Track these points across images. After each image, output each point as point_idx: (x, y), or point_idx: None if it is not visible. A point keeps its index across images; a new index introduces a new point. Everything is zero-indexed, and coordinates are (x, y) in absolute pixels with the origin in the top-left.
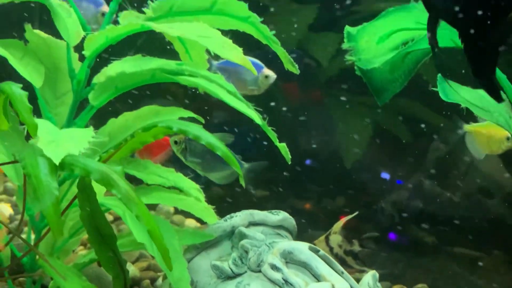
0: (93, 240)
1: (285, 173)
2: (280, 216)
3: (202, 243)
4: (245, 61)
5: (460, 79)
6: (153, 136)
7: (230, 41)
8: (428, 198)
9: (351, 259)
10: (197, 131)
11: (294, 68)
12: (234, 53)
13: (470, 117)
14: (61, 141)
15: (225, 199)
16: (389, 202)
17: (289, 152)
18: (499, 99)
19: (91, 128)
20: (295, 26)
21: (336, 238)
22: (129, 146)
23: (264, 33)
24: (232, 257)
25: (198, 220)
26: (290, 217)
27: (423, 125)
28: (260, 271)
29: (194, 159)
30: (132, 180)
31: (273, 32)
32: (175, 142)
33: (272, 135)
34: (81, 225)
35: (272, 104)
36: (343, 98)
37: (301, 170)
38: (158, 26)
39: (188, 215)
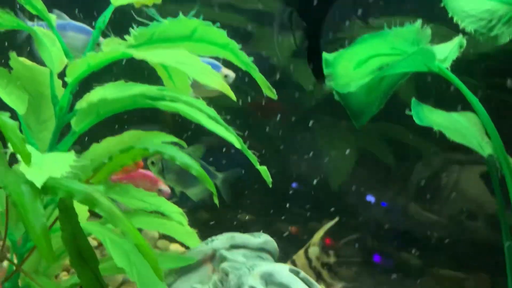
0: (75, 262)
1: (271, 197)
2: (262, 238)
3: (183, 267)
4: (226, 87)
5: (435, 103)
6: (131, 158)
7: (209, 67)
8: (412, 221)
9: (326, 272)
10: (173, 152)
11: (272, 94)
12: (213, 79)
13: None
14: (43, 164)
15: (209, 223)
16: (374, 224)
17: (270, 176)
18: (321, 80)
19: (73, 152)
20: (279, 52)
21: (314, 251)
22: (108, 169)
23: (242, 60)
24: (212, 280)
25: (183, 245)
26: (272, 239)
27: (407, 149)
28: None
29: (172, 176)
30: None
31: (251, 58)
32: (152, 163)
33: (253, 158)
34: (63, 250)
35: (255, 126)
36: (328, 123)
37: (287, 194)
38: (138, 54)
39: (172, 240)
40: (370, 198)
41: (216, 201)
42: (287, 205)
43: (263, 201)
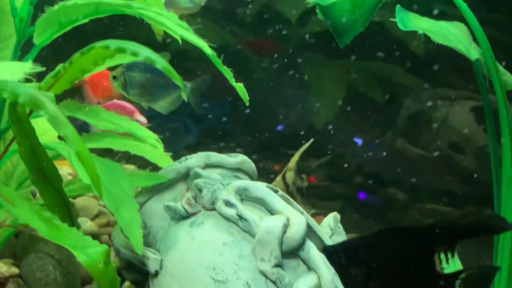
0: (36, 180)
1: (257, 136)
2: (239, 158)
3: (155, 186)
4: None
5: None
6: (92, 62)
7: None
8: (400, 156)
9: (300, 197)
10: (136, 47)
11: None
12: None
13: None
14: None
15: None
16: (360, 161)
17: (246, 93)
18: None
19: (30, 61)
20: None
21: (290, 176)
22: (69, 76)
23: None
24: (185, 197)
25: None
26: (249, 160)
27: (397, 86)
28: (214, 209)
29: (136, 90)
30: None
31: None
32: (114, 77)
33: (227, 73)
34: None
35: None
36: (316, 60)
37: (273, 134)
38: None
39: None
40: (358, 136)
41: (185, 98)
42: (273, 144)
43: (250, 143)
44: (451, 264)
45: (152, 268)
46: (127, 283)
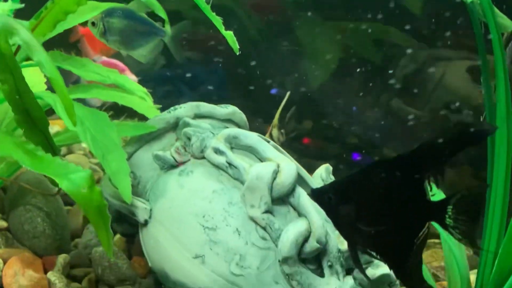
0: (21, 120)
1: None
2: (229, 109)
3: (144, 136)
4: None
5: None
6: (76, 2)
7: None
8: (395, 117)
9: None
10: None
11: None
12: None
13: None
14: None
15: None
16: (355, 122)
17: (237, 42)
18: None
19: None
20: None
21: (276, 133)
22: (52, 17)
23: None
24: (174, 146)
25: None
26: (240, 111)
27: (393, 47)
28: (204, 158)
29: (115, 37)
30: None
31: None
32: (93, 24)
33: (217, 21)
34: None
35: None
36: (312, 21)
37: (267, 95)
38: None
39: None
40: (353, 97)
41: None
42: (266, 106)
43: (243, 105)
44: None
45: (141, 218)
46: (118, 236)
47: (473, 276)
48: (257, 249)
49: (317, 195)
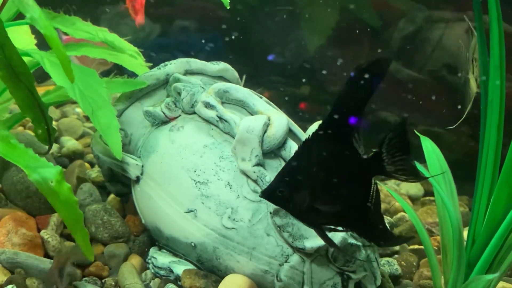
0: (6, 76)
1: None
2: (221, 65)
3: (134, 93)
4: None
5: None
6: None
7: None
8: (392, 79)
9: None
10: None
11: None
12: None
13: None
14: None
15: None
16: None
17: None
18: None
19: None
20: None
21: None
22: None
23: None
24: (165, 102)
25: None
26: (232, 68)
27: (391, 9)
28: (194, 113)
29: None
30: None
31: None
32: None
33: None
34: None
35: None
36: None
37: (265, 63)
38: None
39: None
40: (351, 60)
41: None
42: (264, 73)
43: (242, 71)
44: None
45: (133, 174)
46: (111, 196)
47: (466, 233)
48: (248, 202)
49: (268, 195)
